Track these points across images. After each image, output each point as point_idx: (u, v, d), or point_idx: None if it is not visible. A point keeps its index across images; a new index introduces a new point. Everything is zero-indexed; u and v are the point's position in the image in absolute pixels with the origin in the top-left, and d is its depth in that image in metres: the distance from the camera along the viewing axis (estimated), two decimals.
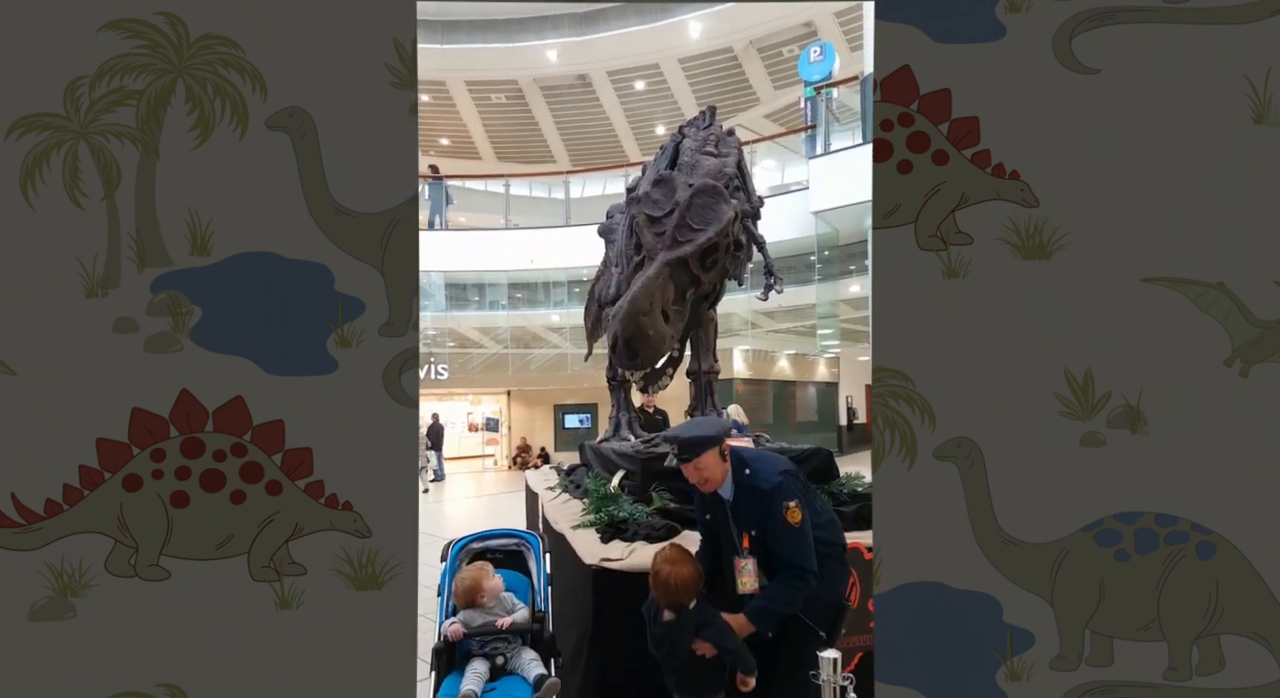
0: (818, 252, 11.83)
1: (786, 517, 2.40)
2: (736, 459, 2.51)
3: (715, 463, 2.55)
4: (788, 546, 2.42)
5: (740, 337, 14.52)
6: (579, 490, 4.24)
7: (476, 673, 2.65)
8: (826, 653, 2.19)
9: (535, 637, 2.85)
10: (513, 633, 2.80)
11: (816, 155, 11.66)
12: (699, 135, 4.22)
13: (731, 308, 4.22)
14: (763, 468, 2.54)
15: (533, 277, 14.96)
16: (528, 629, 2.83)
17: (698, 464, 2.53)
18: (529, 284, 15.23)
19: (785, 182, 13.10)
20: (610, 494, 3.59)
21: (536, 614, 2.95)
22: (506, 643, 2.79)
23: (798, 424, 18.90)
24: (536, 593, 3.05)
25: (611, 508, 3.42)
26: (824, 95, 12.19)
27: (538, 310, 15.43)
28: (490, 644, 2.77)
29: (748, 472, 2.52)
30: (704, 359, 4.57)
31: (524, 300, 15.57)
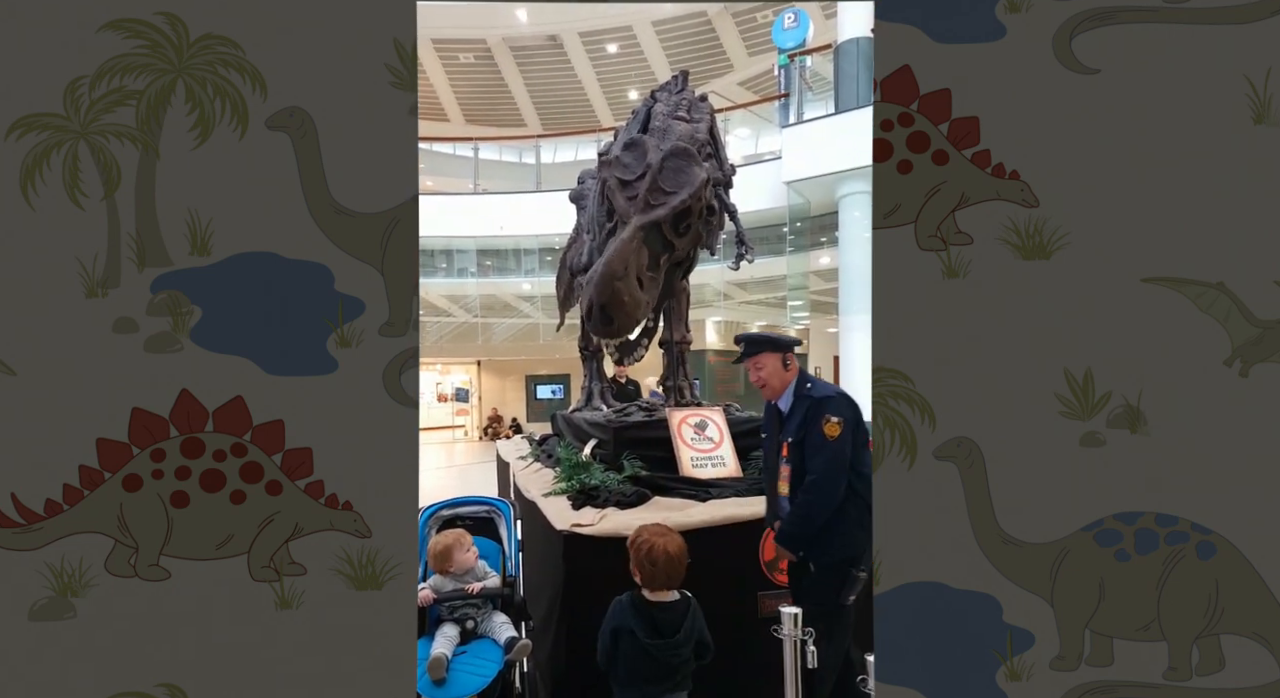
0: (789, 222, 11.74)
1: (825, 428, 2.40)
2: (802, 375, 2.56)
3: (776, 369, 2.59)
4: (815, 457, 2.43)
5: (713, 307, 14.43)
6: (551, 460, 4.28)
7: (447, 637, 2.66)
8: (787, 609, 2.21)
9: (506, 601, 2.87)
10: (484, 598, 2.81)
11: (789, 124, 11.55)
12: (671, 100, 4.21)
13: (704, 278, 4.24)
14: (823, 386, 2.60)
15: (503, 243, 14.62)
16: (498, 595, 2.84)
17: (756, 362, 2.58)
18: (499, 251, 14.90)
19: (759, 151, 12.96)
20: (582, 463, 3.63)
21: (507, 579, 2.97)
22: (476, 608, 2.80)
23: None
24: (508, 559, 3.07)
25: (583, 476, 3.47)
26: (798, 63, 12.07)
27: (508, 278, 15.12)
28: (460, 610, 2.78)
29: (809, 385, 2.58)
30: (676, 329, 4.59)
31: (494, 268, 15.21)
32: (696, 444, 3.75)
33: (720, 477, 3.60)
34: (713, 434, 3.81)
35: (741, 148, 13.31)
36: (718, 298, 14.20)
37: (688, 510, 3.04)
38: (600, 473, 3.50)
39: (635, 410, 4.45)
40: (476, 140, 15.60)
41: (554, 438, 5.04)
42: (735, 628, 2.76)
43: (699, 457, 3.70)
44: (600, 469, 3.57)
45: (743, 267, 5.17)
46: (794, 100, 11.87)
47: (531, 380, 18.76)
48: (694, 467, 3.65)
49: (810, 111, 11.62)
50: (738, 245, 4.95)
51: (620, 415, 4.28)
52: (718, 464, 3.69)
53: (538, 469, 4.43)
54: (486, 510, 3.20)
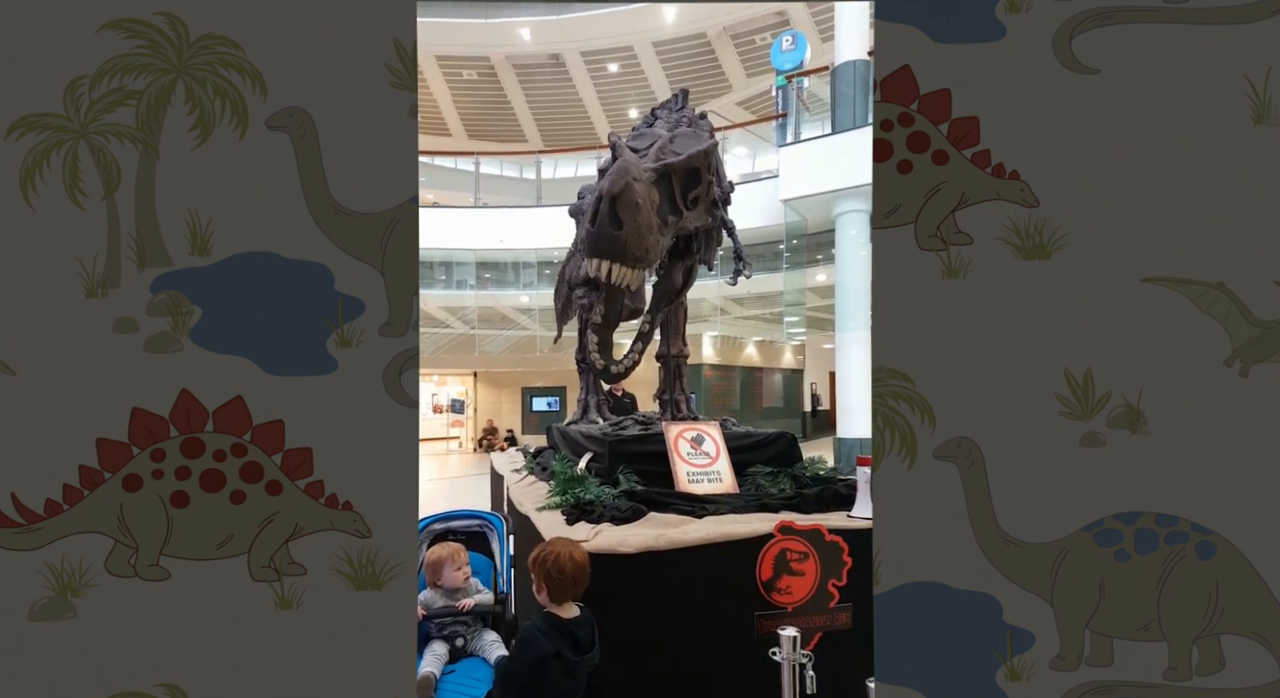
0: (786, 240, 11.80)
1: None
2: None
3: None
4: None
5: (709, 323, 14.49)
6: (545, 473, 4.21)
7: (436, 655, 2.60)
8: (786, 631, 2.17)
9: (497, 619, 2.79)
10: (474, 615, 2.74)
11: (787, 144, 11.65)
12: (671, 117, 4.20)
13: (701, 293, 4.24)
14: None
15: (502, 256, 14.68)
16: (489, 612, 2.77)
17: None
18: (498, 264, 14.96)
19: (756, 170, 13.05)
20: (576, 476, 3.55)
21: (499, 596, 2.89)
22: (466, 625, 2.73)
23: (764, 410, 18.91)
24: (499, 575, 3.00)
25: (578, 490, 3.39)
26: (795, 84, 12.18)
27: (506, 291, 15.17)
28: (450, 627, 2.70)
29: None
30: (674, 343, 4.56)
31: (492, 280, 15.26)
32: (693, 459, 3.69)
33: (716, 493, 3.52)
34: (709, 449, 3.75)
35: (739, 166, 13.43)
36: (714, 313, 14.26)
37: (684, 527, 2.95)
38: (595, 487, 3.42)
39: (631, 424, 4.38)
40: (478, 155, 15.71)
41: (549, 451, 4.99)
42: (732, 650, 2.71)
43: (695, 472, 3.64)
44: (595, 483, 3.49)
45: (740, 282, 5.16)
46: (791, 120, 11.98)
47: (527, 392, 18.74)
48: (690, 482, 3.59)
49: (807, 132, 11.74)
50: (736, 261, 4.94)
51: (616, 429, 4.22)
52: (714, 480, 3.62)
53: (532, 482, 4.36)
54: (479, 525, 3.10)
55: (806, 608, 2.82)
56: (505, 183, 16.34)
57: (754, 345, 18.66)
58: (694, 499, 3.38)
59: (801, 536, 2.89)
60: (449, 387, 19.06)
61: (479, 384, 18.89)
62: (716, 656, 2.50)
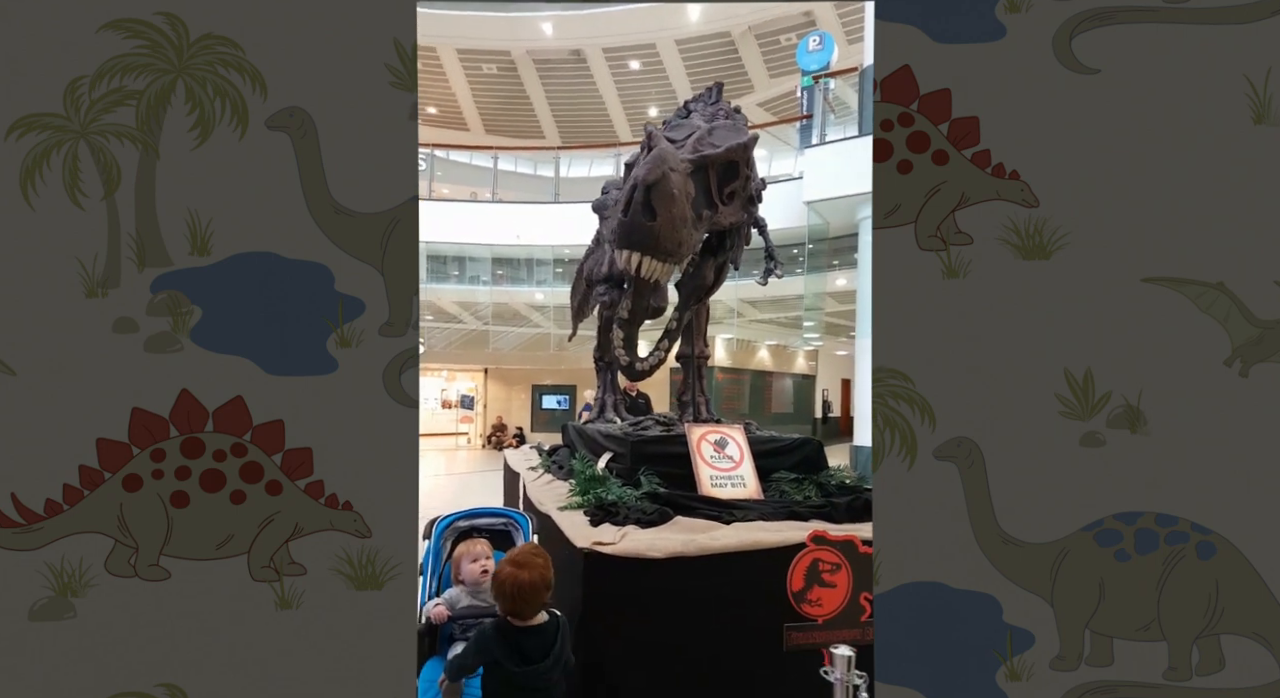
0: (807, 243, 11.74)
1: None
2: None
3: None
4: None
5: (724, 325, 14.40)
6: (562, 471, 4.13)
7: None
8: (840, 650, 2.10)
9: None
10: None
11: (811, 145, 11.56)
12: (707, 111, 4.12)
13: (717, 294, 4.18)
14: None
15: (517, 252, 14.62)
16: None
17: None
18: (512, 260, 14.88)
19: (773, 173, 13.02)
20: (597, 476, 3.47)
21: None
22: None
23: (773, 415, 18.81)
24: None
25: (600, 490, 3.31)
26: (821, 85, 12.12)
27: (521, 287, 15.09)
28: (473, 628, 2.67)
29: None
30: (695, 344, 4.52)
31: (506, 277, 15.20)
32: (716, 463, 3.58)
33: (741, 498, 3.41)
34: (733, 453, 3.65)
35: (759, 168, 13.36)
36: (729, 315, 14.17)
37: (713, 533, 2.87)
38: (617, 488, 3.33)
39: (652, 424, 4.31)
40: (495, 150, 15.67)
41: (564, 449, 4.93)
42: (760, 661, 2.66)
43: (719, 476, 3.53)
44: (617, 484, 3.40)
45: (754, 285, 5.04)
46: (817, 121, 11.87)
47: (537, 390, 18.68)
48: (713, 486, 3.48)
49: (832, 134, 11.64)
50: (767, 260, 4.84)
51: (637, 429, 4.14)
52: (738, 484, 3.51)
53: (549, 481, 4.27)
54: (504, 523, 3.01)
55: (837, 621, 2.78)
56: (522, 179, 16.29)
57: (767, 349, 18.57)
58: (719, 504, 3.30)
59: (835, 546, 2.83)
60: (459, 382, 19.01)
61: (489, 380, 18.84)
62: (743, 666, 2.44)
